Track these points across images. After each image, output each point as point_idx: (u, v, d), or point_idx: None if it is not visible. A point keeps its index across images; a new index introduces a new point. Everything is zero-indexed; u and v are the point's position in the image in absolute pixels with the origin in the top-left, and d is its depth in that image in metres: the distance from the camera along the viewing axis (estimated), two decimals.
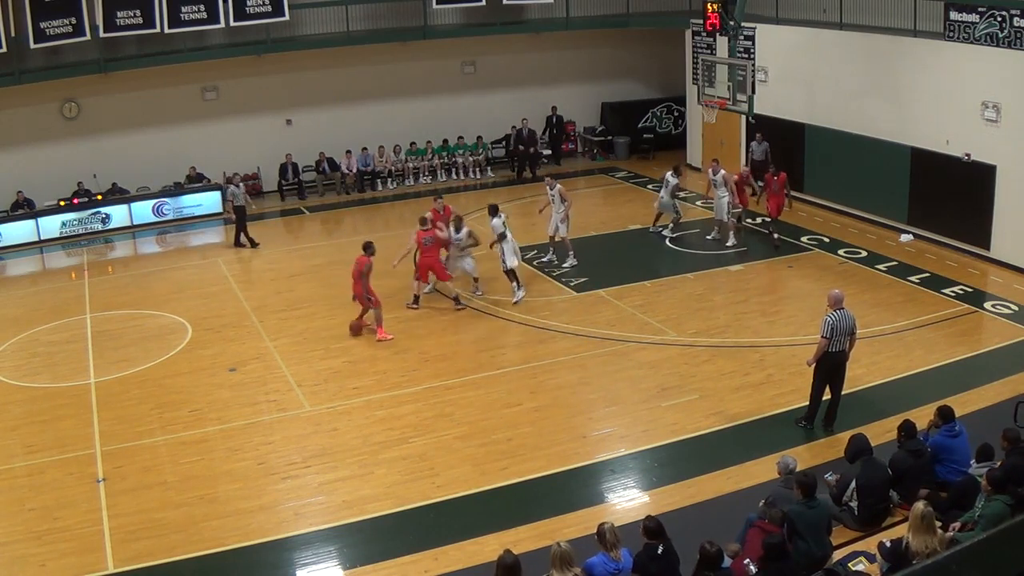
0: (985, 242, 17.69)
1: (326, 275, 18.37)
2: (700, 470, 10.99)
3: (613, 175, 26.12)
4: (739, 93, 17.83)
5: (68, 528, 10.35)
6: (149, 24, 21.62)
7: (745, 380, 13.32)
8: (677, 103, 27.85)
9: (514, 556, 7.62)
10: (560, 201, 18.00)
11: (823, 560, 8.37)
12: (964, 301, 15.91)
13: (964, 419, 10.37)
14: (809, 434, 11.74)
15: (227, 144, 24.13)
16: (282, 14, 23.02)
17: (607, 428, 12.26)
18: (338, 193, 25.00)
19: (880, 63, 19.43)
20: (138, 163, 23.14)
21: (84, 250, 21.44)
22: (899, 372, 13.36)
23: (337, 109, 25.23)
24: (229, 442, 12.15)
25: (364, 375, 14.00)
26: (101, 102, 22.98)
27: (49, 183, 22.11)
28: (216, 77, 23.91)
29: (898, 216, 19.51)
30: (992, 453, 9.38)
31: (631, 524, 9.00)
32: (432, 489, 10.87)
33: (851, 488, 9.36)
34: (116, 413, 13.08)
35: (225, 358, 14.80)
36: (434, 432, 12.20)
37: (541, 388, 13.40)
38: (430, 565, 9.50)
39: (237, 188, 20.71)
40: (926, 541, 7.66)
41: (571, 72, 27.66)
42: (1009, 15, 16.39)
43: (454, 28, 25.89)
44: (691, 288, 17.01)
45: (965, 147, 17.69)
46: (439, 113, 26.23)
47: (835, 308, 11.41)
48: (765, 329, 15.05)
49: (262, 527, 10.26)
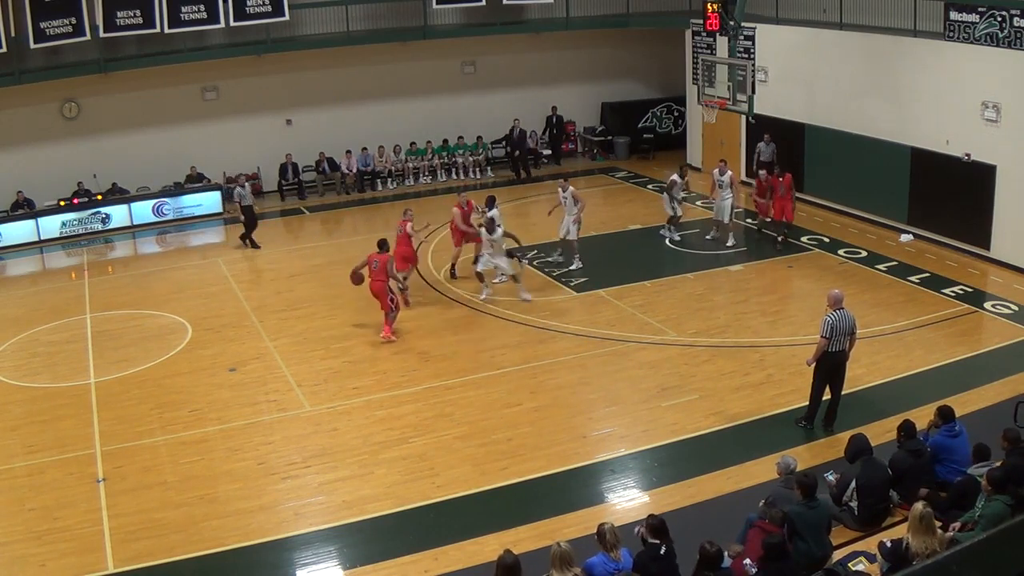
0: (985, 242, 17.69)
1: (326, 275, 18.37)
2: (700, 470, 11.00)
3: (613, 175, 26.12)
4: (739, 93, 17.82)
5: (68, 528, 10.35)
6: (149, 24, 21.62)
7: (745, 380, 13.32)
8: (677, 103, 27.85)
9: (514, 556, 7.62)
10: (573, 203, 17.98)
11: (823, 560, 8.37)
12: (964, 301, 15.91)
13: (964, 419, 10.36)
14: (809, 434, 11.74)
15: (227, 144, 24.13)
16: (282, 14, 23.02)
17: (607, 428, 12.26)
18: (338, 193, 25.00)
19: (880, 63, 19.44)
20: (138, 163, 23.14)
21: (84, 250, 21.45)
22: (899, 372, 13.36)
23: (337, 109, 25.23)
24: (229, 442, 12.15)
25: (364, 375, 14.00)
26: (101, 102, 22.97)
27: (49, 183, 22.11)
28: (216, 77, 23.91)
29: (898, 216, 19.52)
30: (988, 453, 9.38)
31: (631, 524, 9.00)
32: (432, 489, 10.87)
33: (851, 488, 9.36)
34: (116, 413, 13.08)
35: (225, 358, 14.80)
36: (434, 432, 12.20)
37: (541, 388, 13.40)
38: (430, 565, 9.50)
39: (243, 188, 20.68)
40: (926, 541, 7.67)
41: (571, 72, 27.66)
42: (1009, 15, 16.39)
43: (454, 28, 25.89)
44: (691, 288, 17.01)
45: (965, 147, 17.69)
46: (439, 113, 26.23)
47: (835, 308, 11.41)
48: (765, 329, 15.05)
49: (262, 527, 10.26)
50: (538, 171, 26.57)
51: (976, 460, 9.37)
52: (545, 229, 19.34)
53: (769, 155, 22.77)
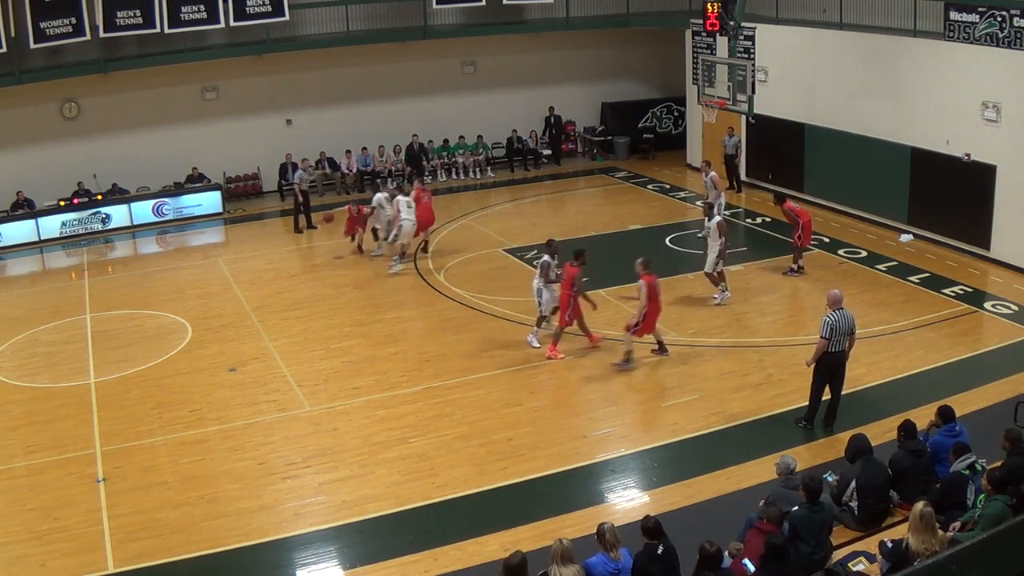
0: (985, 242, 17.69)
1: (326, 275, 18.37)
2: (700, 470, 11.00)
3: (613, 175, 26.11)
4: (739, 93, 17.82)
5: (68, 528, 10.35)
6: (149, 24, 21.64)
7: (745, 380, 13.32)
8: (677, 103, 27.86)
9: (521, 555, 7.61)
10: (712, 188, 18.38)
11: (823, 562, 8.37)
12: (964, 301, 15.91)
13: (964, 419, 10.35)
14: (809, 434, 11.74)
15: (227, 144, 24.14)
16: (282, 14, 23.03)
17: (607, 428, 12.26)
18: (338, 193, 24.99)
19: (880, 63, 19.43)
20: (138, 163, 23.14)
21: (84, 250, 21.45)
22: (899, 372, 13.36)
23: (337, 109, 25.24)
24: (229, 442, 12.15)
25: (364, 375, 14.00)
26: (101, 102, 22.98)
27: (49, 183, 22.12)
28: (216, 77, 23.91)
29: (898, 216, 19.52)
30: (966, 448, 9.33)
31: (631, 524, 8.99)
32: (432, 489, 10.87)
33: (851, 488, 9.35)
34: (116, 413, 13.08)
35: (225, 358, 14.80)
36: (434, 432, 12.20)
37: (541, 388, 13.40)
38: (430, 565, 9.50)
39: (304, 172, 21.35)
40: (926, 541, 7.66)
41: (571, 72, 27.66)
42: (1009, 15, 16.39)
43: (454, 28, 25.90)
44: (691, 288, 17.00)
45: (965, 147, 17.69)
46: (439, 113, 26.23)
47: (834, 308, 11.41)
48: (765, 329, 15.04)
49: (262, 527, 10.26)
50: (538, 171, 26.57)
51: (956, 456, 9.35)
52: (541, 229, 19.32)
53: (732, 148, 22.79)
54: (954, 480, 9.08)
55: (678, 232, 20.05)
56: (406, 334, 15.46)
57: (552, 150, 27.53)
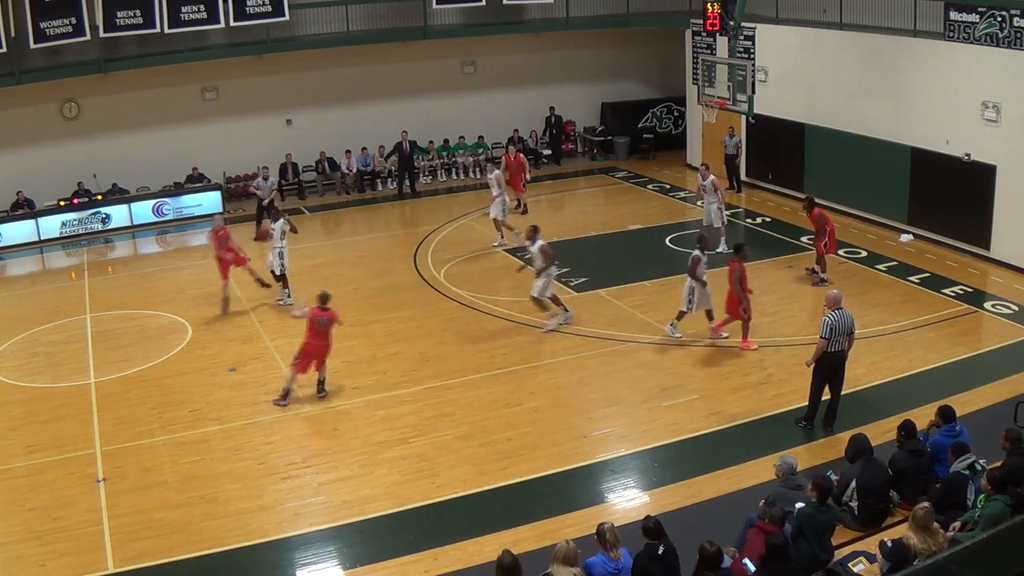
0: (985, 242, 17.69)
1: (326, 275, 18.36)
2: (700, 470, 11.00)
3: (613, 175, 26.11)
4: (739, 93, 17.81)
5: (68, 528, 10.35)
6: (149, 24, 21.64)
7: (745, 380, 13.32)
8: (677, 103, 27.86)
9: (512, 556, 7.63)
10: (713, 191, 18.66)
11: (823, 563, 8.37)
12: (964, 301, 15.91)
13: (964, 419, 10.36)
14: (809, 434, 11.74)
15: (227, 144, 24.13)
16: (282, 14, 23.03)
17: (607, 428, 12.26)
18: (338, 193, 25.00)
19: (880, 63, 19.43)
20: (138, 163, 23.14)
21: (84, 250, 21.45)
22: (899, 372, 13.36)
23: (337, 109, 25.24)
24: (229, 442, 12.16)
25: (364, 375, 14.00)
26: (101, 102, 22.98)
27: (49, 183, 22.12)
28: (216, 77, 23.91)
29: (898, 216, 19.52)
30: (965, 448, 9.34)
31: (631, 524, 9.00)
32: (432, 489, 10.87)
33: (851, 488, 9.36)
34: (116, 413, 13.09)
35: (225, 358, 14.81)
36: (434, 432, 12.20)
37: (541, 388, 13.40)
38: (430, 565, 9.51)
39: (264, 181, 21.32)
40: (926, 541, 7.66)
41: (571, 72, 27.66)
42: (1009, 15, 16.39)
43: (454, 28, 25.90)
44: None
45: (965, 147, 17.68)
46: (439, 113, 26.23)
47: (833, 308, 11.42)
48: (765, 329, 15.04)
49: (262, 527, 10.27)
50: (538, 171, 26.56)
51: (956, 456, 9.36)
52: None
53: (733, 148, 22.77)
54: (954, 480, 9.09)
55: (678, 232, 20.05)
56: (406, 334, 15.46)
57: (552, 150, 27.54)
